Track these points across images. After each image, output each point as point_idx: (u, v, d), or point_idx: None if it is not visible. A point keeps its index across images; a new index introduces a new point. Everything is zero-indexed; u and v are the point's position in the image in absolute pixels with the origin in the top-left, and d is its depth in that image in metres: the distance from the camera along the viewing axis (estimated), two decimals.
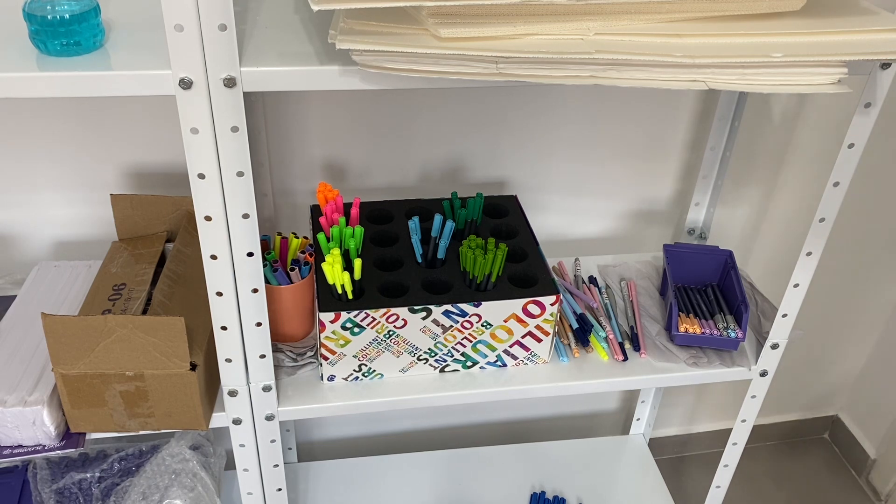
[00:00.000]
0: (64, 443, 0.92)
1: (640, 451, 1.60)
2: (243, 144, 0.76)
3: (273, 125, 1.16)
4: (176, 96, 0.72)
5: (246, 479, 1.05)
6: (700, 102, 1.27)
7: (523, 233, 1.12)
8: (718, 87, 0.76)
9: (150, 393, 0.90)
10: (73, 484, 1.08)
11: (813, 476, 1.84)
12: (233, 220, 0.81)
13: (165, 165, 1.17)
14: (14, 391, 0.89)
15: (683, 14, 0.78)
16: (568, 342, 1.12)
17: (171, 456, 1.08)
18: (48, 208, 1.17)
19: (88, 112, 1.10)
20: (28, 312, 1.01)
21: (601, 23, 0.75)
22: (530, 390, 1.06)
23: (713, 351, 1.12)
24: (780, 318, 1.06)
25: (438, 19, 0.70)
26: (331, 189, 1.04)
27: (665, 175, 1.35)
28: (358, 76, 0.73)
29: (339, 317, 0.96)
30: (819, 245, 1.00)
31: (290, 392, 1.02)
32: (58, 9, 0.70)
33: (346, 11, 0.73)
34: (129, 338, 0.86)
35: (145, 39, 0.76)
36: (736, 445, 1.24)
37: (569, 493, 1.48)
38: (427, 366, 1.05)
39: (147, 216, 1.08)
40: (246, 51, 0.74)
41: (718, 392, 1.74)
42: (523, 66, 0.73)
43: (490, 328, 1.02)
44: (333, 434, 1.60)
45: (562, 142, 1.27)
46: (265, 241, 1.04)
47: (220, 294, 0.85)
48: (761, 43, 0.77)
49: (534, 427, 1.69)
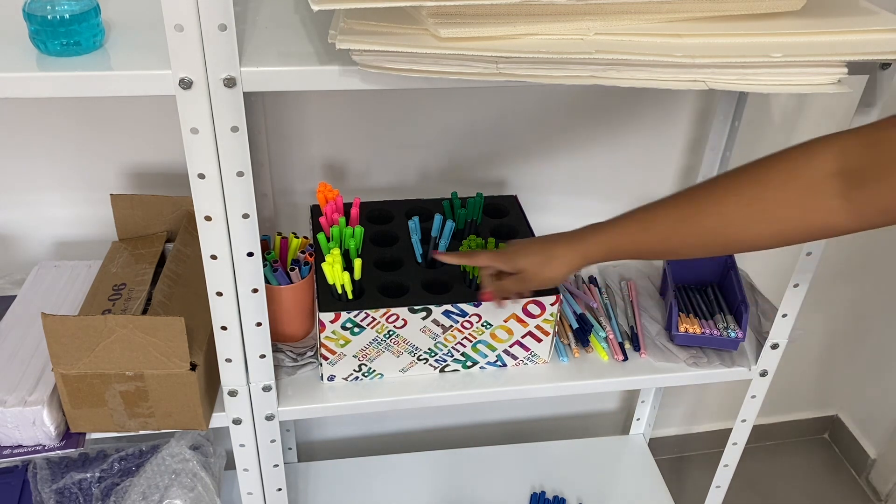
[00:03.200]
0: (64, 443, 0.92)
1: (640, 451, 1.60)
2: (243, 144, 0.76)
3: (273, 125, 1.16)
4: (176, 96, 0.72)
5: (246, 479, 1.05)
6: (700, 102, 1.27)
7: (523, 233, 1.12)
8: (718, 87, 0.76)
9: (150, 393, 0.90)
10: (73, 484, 1.08)
11: (813, 476, 1.84)
12: (233, 220, 0.80)
13: (165, 165, 1.17)
14: (14, 391, 0.89)
15: (683, 14, 0.78)
16: (568, 342, 1.12)
17: (171, 456, 1.08)
18: (48, 208, 1.17)
19: (88, 112, 1.10)
20: (28, 312, 1.01)
21: (601, 23, 0.75)
22: (530, 390, 1.06)
23: (713, 351, 1.12)
24: (780, 318, 1.06)
25: (438, 19, 0.70)
26: (331, 189, 1.04)
27: (665, 175, 1.35)
28: (358, 76, 0.73)
29: (339, 317, 0.96)
30: (819, 245, 1.00)
31: (290, 392, 1.02)
32: (58, 9, 0.70)
33: (346, 11, 0.73)
34: (129, 338, 0.86)
35: (145, 39, 0.76)
36: (736, 445, 1.24)
37: (569, 493, 1.48)
38: (427, 366, 1.05)
39: (147, 216, 1.08)
40: (246, 51, 0.74)
41: (718, 392, 1.74)
42: (523, 66, 0.73)
43: (490, 328, 1.02)
44: (333, 434, 1.60)
45: (562, 142, 1.27)
46: (265, 241, 1.04)
47: (220, 294, 0.85)
48: (761, 43, 0.77)
49: (534, 427, 1.69)
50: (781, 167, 0.68)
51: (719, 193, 0.71)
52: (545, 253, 0.86)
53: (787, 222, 0.68)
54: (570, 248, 0.84)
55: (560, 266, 0.85)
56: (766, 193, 0.68)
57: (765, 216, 0.68)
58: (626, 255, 0.81)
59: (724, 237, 0.72)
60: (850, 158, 0.64)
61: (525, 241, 0.91)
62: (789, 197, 0.67)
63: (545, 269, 0.86)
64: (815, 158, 0.66)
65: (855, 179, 0.64)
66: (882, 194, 0.63)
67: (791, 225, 0.68)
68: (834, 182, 0.65)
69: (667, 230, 0.75)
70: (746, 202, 0.69)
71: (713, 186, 0.72)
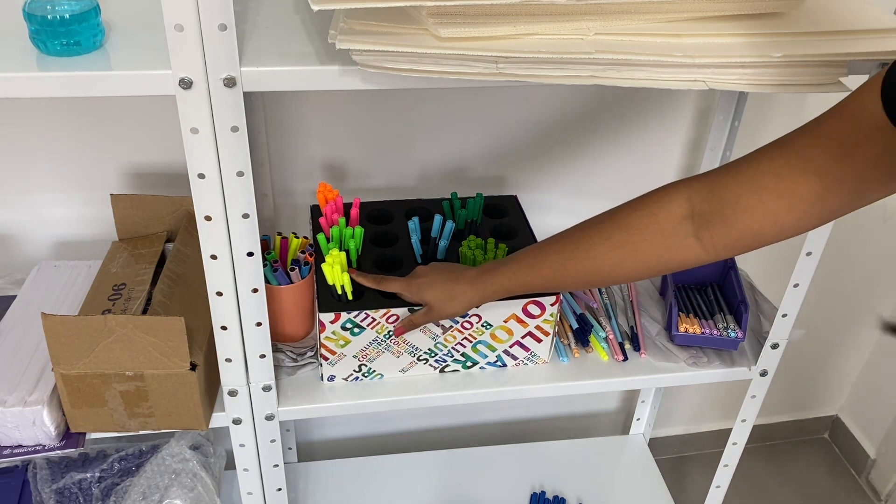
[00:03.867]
0: (64, 443, 0.92)
1: (640, 451, 1.60)
2: (243, 144, 0.76)
3: (273, 125, 1.16)
4: (176, 96, 0.72)
5: (246, 479, 1.05)
6: (700, 102, 1.27)
7: (523, 233, 1.12)
8: (718, 87, 0.76)
9: (150, 393, 0.90)
10: (73, 484, 1.08)
11: (813, 476, 1.84)
12: (233, 220, 0.80)
13: (165, 165, 1.17)
14: (14, 391, 0.89)
15: (683, 14, 0.78)
16: (568, 342, 1.12)
17: (171, 456, 1.08)
18: (48, 208, 1.17)
19: (88, 112, 1.10)
20: (28, 312, 1.01)
21: (601, 23, 0.75)
22: (530, 390, 1.06)
23: (713, 351, 1.12)
24: (780, 318, 1.06)
25: (438, 19, 0.70)
26: (331, 189, 1.04)
27: (665, 175, 1.35)
28: (358, 76, 0.73)
29: (339, 317, 0.96)
30: (819, 245, 1.00)
31: (290, 392, 1.02)
32: (58, 9, 0.70)
33: (346, 11, 0.73)
34: (129, 338, 0.86)
35: (145, 39, 0.76)
36: (736, 445, 1.24)
37: (569, 493, 1.48)
38: (427, 366, 1.05)
39: (147, 216, 1.08)
40: (246, 51, 0.74)
41: (718, 392, 1.74)
42: (523, 66, 0.73)
43: (490, 328, 1.02)
44: (333, 434, 1.60)
45: (562, 142, 1.27)
46: (265, 241, 1.04)
47: (220, 294, 0.85)
48: (761, 43, 0.77)
49: (534, 427, 1.69)
50: (642, 212, 0.78)
51: (594, 240, 0.81)
52: (448, 291, 0.94)
53: (651, 261, 0.78)
54: (471, 288, 0.92)
55: (461, 304, 0.94)
56: (630, 237, 0.78)
57: (632, 256, 0.78)
58: (521, 291, 0.90)
59: (598, 276, 0.82)
60: (695, 203, 0.74)
61: (432, 275, 0.97)
62: (650, 239, 0.77)
63: (446, 306, 0.94)
64: (669, 204, 0.76)
65: (702, 221, 0.73)
66: (725, 233, 0.72)
67: (653, 262, 0.78)
68: (685, 224, 0.75)
69: (551, 272, 0.85)
70: (615, 246, 0.79)
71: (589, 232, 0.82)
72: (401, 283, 0.98)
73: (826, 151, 0.66)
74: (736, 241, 0.73)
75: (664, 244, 0.76)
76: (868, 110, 0.62)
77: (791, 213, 0.69)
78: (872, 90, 0.62)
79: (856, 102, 0.65)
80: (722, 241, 0.73)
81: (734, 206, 0.71)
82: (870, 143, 0.63)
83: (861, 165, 0.65)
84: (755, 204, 0.70)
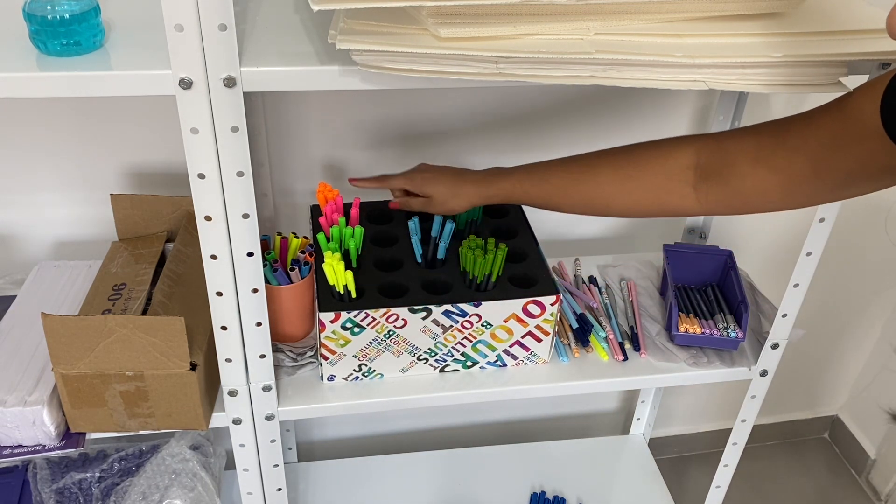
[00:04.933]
0: (64, 443, 0.92)
1: (640, 451, 1.60)
2: (243, 144, 0.76)
3: (273, 125, 1.16)
4: (176, 96, 0.72)
5: (246, 479, 1.05)
6: (700, 102, 1.27)
7: (523, 233, 1.12)
8: (718, 87, 0.76)
9: (150, 393, 0.90)
10: (73, 484, 1.08)
11: (813, 476, 1.84)
12: (233, 220, 0.80)
13: (165, 165, 1.17)
14: (14, 391, 0.89)
15: (683, 14, 0.78)
16: (568, 342, 1.12)
17: (171, 456, 1.08)
18: (48, 208, 1.17)
19: (88, 112, 1.10)
20: (28, 312, 1.01)
21: (601, 23, 0.75)
22: (530, 390, 1.06)
23: (713, 351, 1.12)
24: (780, 318, 1.06)
25: (438, 19, 0.70)
26: (331, 189, 1.04)
27: None
28: (358, 76, 0.73)
29: (339, 317, 0.96)
30: (819, 245, 1.00)
31: (290, 392, 1.02)
32: (58, 9, 0.70)
33: (346, 11, 0.73)
34: (129, 338, 0.86)
35: (145, 39, 0.76)
36: (736, 445, 1.24)
37: (569, 493, 1.48)
38: (427, 366, 1.05)
39: (147, 216, 1.08)
40: (246, 51, 0.74)
41: (718, 392, 1.74)
42: (523, 66, 0.73)
43: (490, 328, 1.02)
44: (333, 434, 1.60)
45: (562, 141, 1.27)
46: (265, 241, 1.04)
47: (220, 294, 0.85)
48: (761, 43, 0.77)
49: (533, 427, 1.69)
50: (654, 153, 0.83)
51: (604, 167, 0.86)
52: (453, 188, 0.96)
53: (649, 199, 0.84)
54: (475, 188, 0.95)
55: (462, 201, 0.97)
56: (638, 171, 0.84)
57: (634, 191, 0.84)
58: (520, 201, 0.94)
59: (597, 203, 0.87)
60: (702, 157, 0.80)
61: (437, 170, 1.00)
62: (655, 179, 0.83)
63: (449, 201, 0.97)
64: (681, 152, 0.81)
65: (703, 174, 0.79)
66: (718, 190, 0.78)
67: (651, 201, 0.84)
68: (689, 173, 0.81)
69: (555, 189, 0.89)
70: (622, 178, 0.85)
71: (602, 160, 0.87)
72: (404, 177, 1.00)
73: (820, 141, 0.69)
74: (727, 200, 0.79)
75: (666, 186, 0.82)
76: (866, 115, 0.64)
77: (779, 188, 0.74)
78: (873, 100, 0.63)
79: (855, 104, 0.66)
80: (714, 197, 0.79)
81: (731, 169, 0.77)
82: (862, 144, 0.65)
83: (851, 161, 0.68)
84: (748, 172, 0.75)
